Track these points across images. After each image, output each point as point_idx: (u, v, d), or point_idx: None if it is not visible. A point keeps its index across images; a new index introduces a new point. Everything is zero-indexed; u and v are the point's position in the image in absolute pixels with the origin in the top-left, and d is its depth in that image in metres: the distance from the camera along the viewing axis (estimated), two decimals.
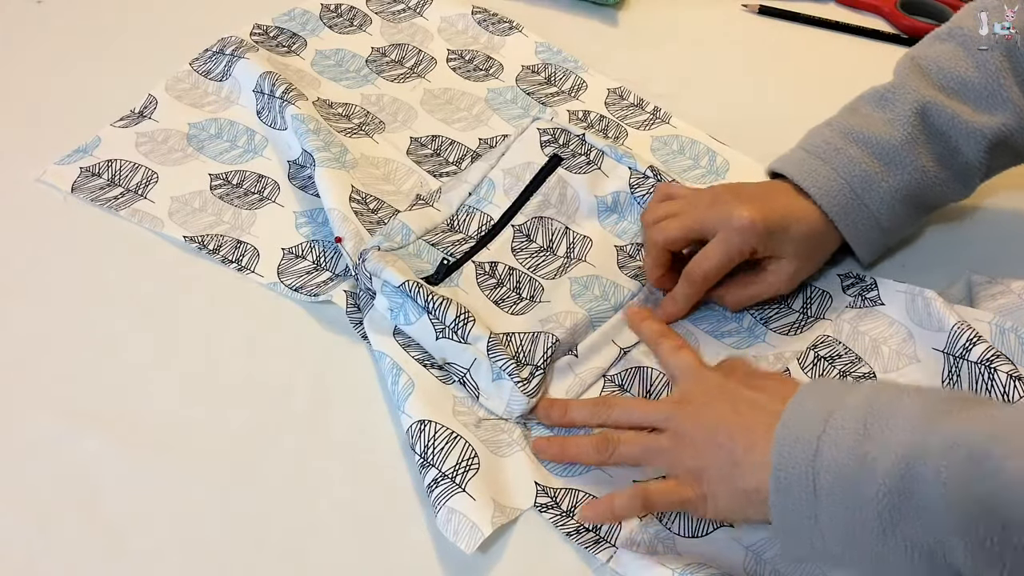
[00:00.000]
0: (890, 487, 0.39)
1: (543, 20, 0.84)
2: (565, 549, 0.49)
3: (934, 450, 0.38)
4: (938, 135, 0.59)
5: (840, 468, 0.41)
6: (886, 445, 0.40)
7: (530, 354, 0.55)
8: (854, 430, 0.42)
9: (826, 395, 0.45)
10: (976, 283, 0.62)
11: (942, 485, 0.38)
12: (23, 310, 0.57)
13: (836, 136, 0.60)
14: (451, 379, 0.55)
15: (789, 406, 0.45)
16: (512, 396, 0.53)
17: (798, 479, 0.42)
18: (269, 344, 0.57)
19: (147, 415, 0.53)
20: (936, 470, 0.38)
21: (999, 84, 0.58)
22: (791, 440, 0.43)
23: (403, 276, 0.55)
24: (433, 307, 0.54)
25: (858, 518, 0.40)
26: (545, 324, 0.57)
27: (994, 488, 0.36)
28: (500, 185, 0.64)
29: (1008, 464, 0.36)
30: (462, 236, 0.62)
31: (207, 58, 0.74)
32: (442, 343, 0.55)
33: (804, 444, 0.43)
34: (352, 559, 0.48)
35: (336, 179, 0.63)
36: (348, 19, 0.82)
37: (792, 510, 0.43)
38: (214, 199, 0.65)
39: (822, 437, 0.42)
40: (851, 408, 0.43)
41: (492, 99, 0.76)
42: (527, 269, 0.61)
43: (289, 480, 0.51)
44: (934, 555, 0.39)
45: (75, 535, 0.47)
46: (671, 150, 0.73)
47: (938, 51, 0.61)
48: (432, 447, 0.50)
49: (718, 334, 0.59)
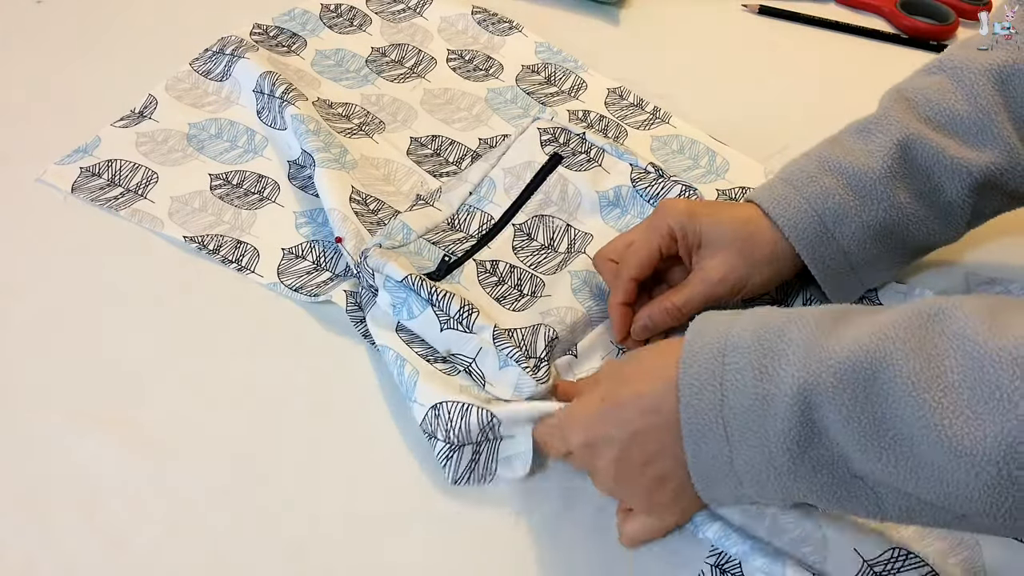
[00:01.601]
0: (793, 421, 0.40)
1: (543, 20, 0.84)
2: (577, 550, 0.49)
3: (826, 382, 0.39)
4: (920, 170, 0.55)
5: (745, 412, 0.41)
6: (782, 383, 0.40)
7: (532, 347, 0.55)
8: (751, 369, 0.41)
9: (715, 332, 0.44)
10: (976, 283, 0.61)
11: (837, 411, 0.39)
12: (23, 310, 0.57)
13: (812, 165, 0.56)
14: (456, 370, 0.55)
15: (685, 348, 0.44)
16: (520, 380, 0.53)
17: (710, 426, 0.42)
18: (269, 344, 0.57)
19: (147, 415, 0.53)
20: (831, 399, 0.39)
21: (990, 119, 0.54)
22: (696, 387, 0.43)
23: (405, 271, 0.55)
24: (437, 299, 0.54)
25: (769, 456, 0.41)
26: (546, 317, 0.57)
27: (883, 407, 0.38)
28: (500, 184, 0.65)
29: (895, 383, 0.38)
30: (463, 235, 0.62)
31: (207, 58, 0.74)
32: (447, 334, 0.55)
33: (709, 391, 0.42)
34: (352, 559, 0.48)
35: (336, 179, 0.63)
36: (348, 19, 0.82)
37: (707, 454, 0.43)
38: (214, 199, 0.65)
39: (724, 381, 0.42)
40: (743, 347, 0.42)
41: (492, 99, 0.76)
42: (528, 267, 0.61)
43: (289, 480, 0.51)
44: (836, 469, 0.41)
45: (75, 535, 0.47)
46: (671, 150, 0.73)
47: (927, 83, 0.57)
48: (450, 427, 0.50)
49: None
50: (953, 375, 0.37)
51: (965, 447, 0.36)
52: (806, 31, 0.89)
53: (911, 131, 0.55)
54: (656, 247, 0.55)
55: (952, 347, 0.37)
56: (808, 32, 0.88)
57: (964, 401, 0.36)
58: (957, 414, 0.36)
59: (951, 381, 0.37)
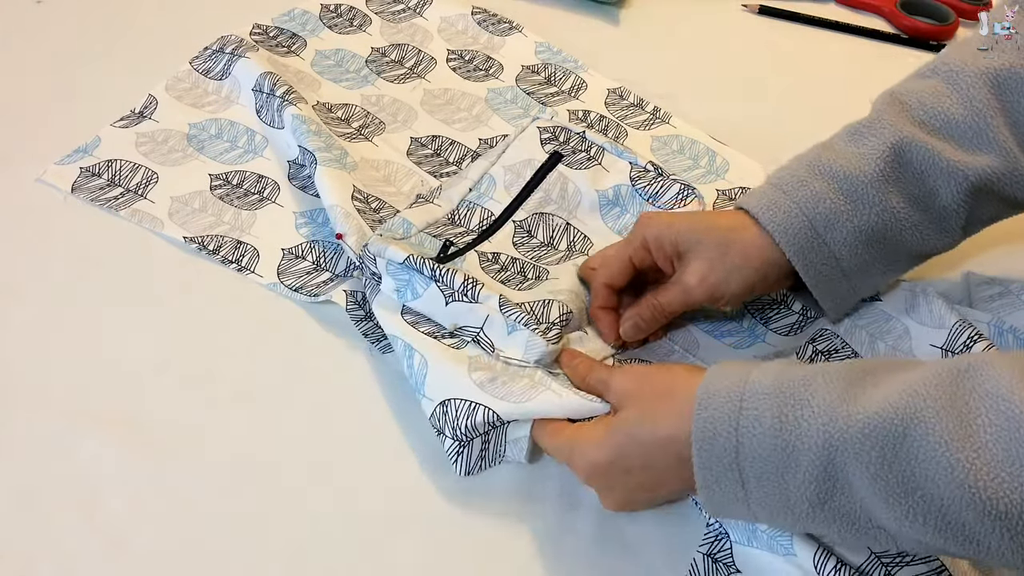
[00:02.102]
0: (815, 475, 0.40)
1: (543, 20, 0.84)
2: (579, 552, 0.49)
3: (853, 439, 0.39)
4: (913, 174, 0.54)
5: (763, 460, 0.41)
6: (804, 435, 0.40)
7: (544, 315, 0.55)
8: (771, 417, 0.41)
9: (734, 376, 0.44)
10: (975, 283, 0.61)
11: (865, 469, 0.39)
12: (23, 310, 0.57)
13: (802, 169, 0.55)
14: (464, 343, 0.55)
15: (700, 390, 0.44)
16: (530, 341, 0.53)
17: (725, 472, 0.42)
18: (269, 344, 0.57)
19: (147, 415, 0.53)
20: (857, 457, 0.39)
21: (986, 123, 0.53)
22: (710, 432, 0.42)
23: (406, 252, 0.55)
24: (441, 274, 0.54)
25: (787, 503, 0.41)
26: (556, 295, 0.57)
27: (912, 466, 0.38)
28: (500, 181, 0.65)
29: (925, 441, 0.37)
30: (463, 229, 0.62)
31: (207, 57, 0.74)
32: (452, 307, 0.54)
33: (723, 438, 0.42)
34: (352, 559, 0.48)
35: (337, 178, 0.63)
36: (348, 19, 0.82)
37: (721, 495, 0.43)
38: (214, 199, 0.65)
39: (740, 427, 0.42)
40: (762, 393, 0.42)
41: (492, 99, 0.76)
42: (531, 260, 0.61)
43: (289, 480, 0.51)
44: (858, 519, 0.40)
45: (75, 535, 0.47)
46: (671, 150, 0.73)
47: (921, 86, 0.56)
48: (457, 425, 0.50)
49: (718, 334, 0.60)
50: (986, 435, 0.36)
51: (1000, 509, 0.36)
52: (806, 31, 0.89)
53: (905, 134, 0.54)
54: (627, 257, 0.56)
55: (985, 406, 0.37)
56: (808, 32, 0.89)
57: (998, 461, 0.36)
58: (992, 475, 0.36)
59: (984, 441, 0.36)
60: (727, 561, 0.48)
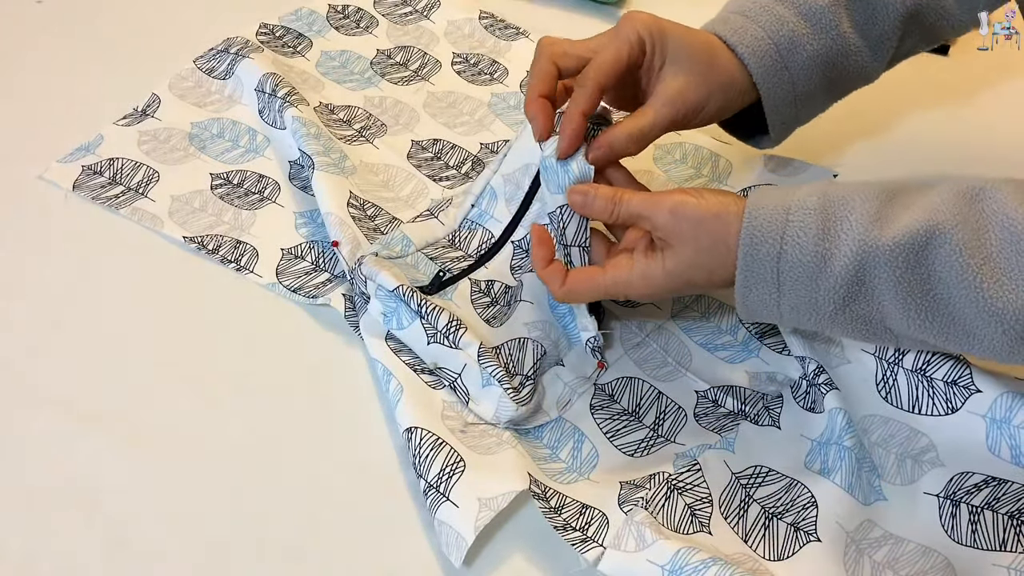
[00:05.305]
0: (846, 279, 0.45)
1: (544, 20, 0.84)
2: (571, 551, 0.49)
3: (884, 248, 0.44)
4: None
5: (802, 266, 0.46)
6: (842, 244, 0.45)
7: (519, 364, 0.54)
8: (815, 228, 0.46)
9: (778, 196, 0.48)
10: None
11: (891, 273, 0.44)
12: (24, 309, 0.57)
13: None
14: (441, 384, 0.55)
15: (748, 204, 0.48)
16: (501, 402, 0.53)
17: (763, 274, 0.47)
18: (268, 344, 0.57)
19: (147, 415, 0.53)
20: (887, 263, 0.44)
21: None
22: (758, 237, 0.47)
23: (398, 280, 0.55)
24: (426, 311, 0.54)
25: (815, 304, 0.47)
26: (531, 330, 0.56)
27: (930, 270, 0.44)
28: (501, 195, 0.63)
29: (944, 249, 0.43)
30: (462, 254, 0.61)
31: (211, 56, 0.74)
32: (433, 348, 0.55)
33: (769, 243, 0.46)
34: (352, 559, 0.48)
35: (334, 184, 0.63)
36: (355, 20, 0.82)
37: (756, 299, 0.48)
38: (214, 199, 0.65)
39: (785, 235, 0.46)
40: (808, 208, 0.46)
41: (495, 104, 0.76)
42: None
43: (288, 480, 0.51)
44: (872, 321, 0.47)
45: (75, 535, 0.47)
46: (673, 159, 0.73)
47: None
48: (419, 455, 0.50)
49: (712, 347, 0.59)
50: (993, 246, 0.43)
51: (998, 308, 0.42)
52: None
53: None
54: (625, 55, 0.52)
55: (993, 222, 0.43)
56: None
57: (1001, 269, 0.42)
58: (995, 279, 0.42)
59: (991, 251, 0.43)
60: None
